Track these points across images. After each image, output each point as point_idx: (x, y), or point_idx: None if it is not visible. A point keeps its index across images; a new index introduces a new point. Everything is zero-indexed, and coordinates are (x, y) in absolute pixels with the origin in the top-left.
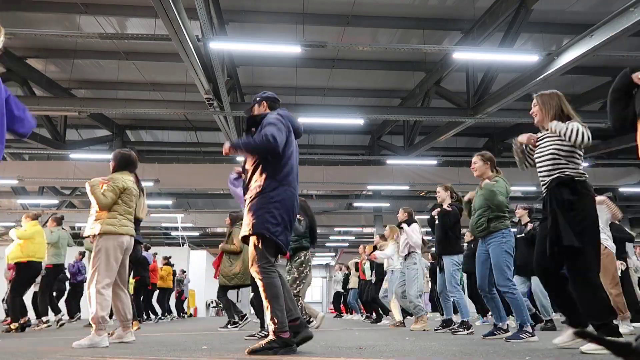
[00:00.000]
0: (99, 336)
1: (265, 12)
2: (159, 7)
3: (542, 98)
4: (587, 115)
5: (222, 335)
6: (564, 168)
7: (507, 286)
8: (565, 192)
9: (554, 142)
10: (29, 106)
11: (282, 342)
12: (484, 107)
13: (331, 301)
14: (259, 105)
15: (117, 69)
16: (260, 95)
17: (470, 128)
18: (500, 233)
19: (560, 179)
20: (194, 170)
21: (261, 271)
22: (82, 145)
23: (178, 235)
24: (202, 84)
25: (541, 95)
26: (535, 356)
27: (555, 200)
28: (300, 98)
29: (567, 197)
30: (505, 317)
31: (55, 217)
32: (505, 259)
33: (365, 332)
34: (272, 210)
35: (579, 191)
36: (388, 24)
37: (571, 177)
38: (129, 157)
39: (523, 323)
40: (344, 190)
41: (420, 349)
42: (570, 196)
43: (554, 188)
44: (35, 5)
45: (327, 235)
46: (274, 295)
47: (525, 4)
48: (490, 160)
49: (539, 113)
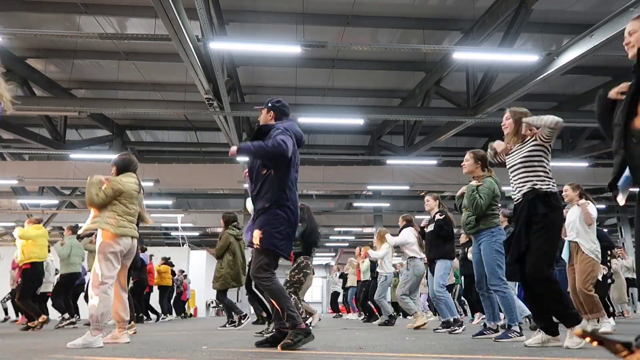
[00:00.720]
0: (94, 337)
1: (265, 12)
2: (159, 7)
3: (514, 114)
4: (587, 115)
5: (222, 335)
6: (536, 181)
7: (497, 285)
8: (540, 207)
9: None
10: (29, 106)
11: (304, 331)
12: (484, 107)
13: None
14: (267, 112)
15: (117, 69)
16: (273, 103)
17: (470, 128)
18: (490, 231)
19: (535, 192)
20: (194, 170)
21: (264, 282)
22: (82, 145)
23: (178, 235)
24: (202, 84)
25: (514, 110)
26: (533, 354)
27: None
28: (300, 98)
29: (541, 211)
30: (498, 317)
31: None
32: (495, 257)
33: (365, 332)
34: (279, 226)
35: (551, 204)
36: (388, 24)
37: (544, 192)
38: (128, 160)
39: (511, 322)
40: (344, 190)
41: (420, 348)
42: (544, 209)
43: (530, 201)
44: (35, 5)
45: (327, 235)
46: (281, 296)
47: (525, 4)
48: (481, 159)
49: (510, 126)
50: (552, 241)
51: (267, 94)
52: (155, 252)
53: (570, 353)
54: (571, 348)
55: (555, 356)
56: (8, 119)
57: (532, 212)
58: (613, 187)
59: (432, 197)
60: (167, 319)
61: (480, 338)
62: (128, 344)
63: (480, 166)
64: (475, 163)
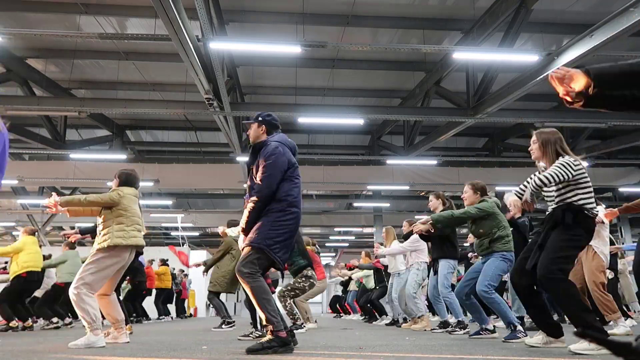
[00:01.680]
0: (96, 336)
1: (265, 12)
2: (159, 7)
3: (541, 136)
4: (587, 115)
5: (221, 335)
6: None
7: (484, 291)
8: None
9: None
10: (29, 106)
11: (281, 341)
12: (484, 107)
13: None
14: (259, 127)
15: (117, 69)
16: (264, 117)
17: (470, 128)
18: (501, 254)
19: (570, 206)
20: (194, 170)
21: (247, 277)
22: (82, 145)
23: (178, 235)
24: (202, 84)
25: (541, 132)
26: (534, 354)
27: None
28: (300, 98)
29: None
30: (486, 318)
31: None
32: (495, 271)
33: (365, 332)
34: (277, 228)
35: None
36: (388, 24)
37: (579, 206)
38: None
39: (511, 322)
40: (344, 190)
41: (420, 348)
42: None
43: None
44: (35, 5)
45: (327, 235)
46: (263, 296)
47: (525, 4)
48: (480, 190)
49: (537, 151)
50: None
51: (267, 94)
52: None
53: (570, 353)
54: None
55: (555, 356)
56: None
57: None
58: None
59: (435, 196)
60: (164, 320)
61: (478, 338)
62: (128, 344)
63: (479, 196)
64: (475, 194)
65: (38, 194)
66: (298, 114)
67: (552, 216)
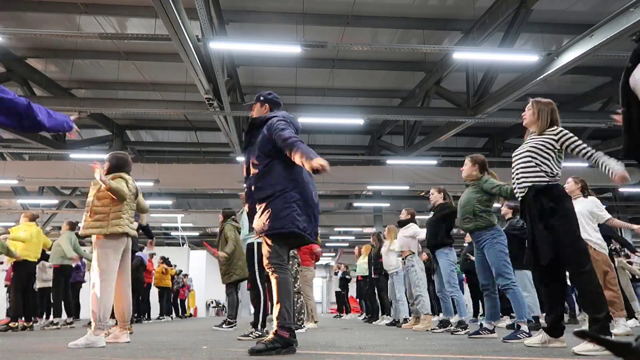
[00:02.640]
0: (96, 336)
1: (265, 12)
2: (159, 7)
3: (538, 104)
4: (587, 116)
5: (222, 335)
6: (537, 173)
7: (507, 284)
8: (545, 201)
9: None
10: None
11: (284, 341)
12: (484, 107)
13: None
14: (262, 106)
15: (117, 69)
16: (265, 96)
17: (470, 128)
18: (490, 234)
19: (537, 188)
20: (194, 170)
21: (276, 268)
22: (82, 145)
23: (178, 235)
24: (202, 84)
25: (538, 101)
26: (534, 354)
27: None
28: (300, 98)
29: (547, 205)
30: (498, 317)
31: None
32: (500, 257)
33: (365, 332)
34: (296, 208)
35: (556, 196)
36: (388, 24)
37: (545, 185)
38: (123, 160)
39: (521, 318)
40: (344, 190)
41: (420, 348)
42: (550, 203)
43: (532, 198)
44: (35, 5)
45: (327, 235)
46: (286, 292)
47: (525, 4)
48: (479, 164)
49: (531, 117)
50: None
51: None
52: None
53: (570, 353)
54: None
55: (555, 356)
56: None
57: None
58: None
59: (437, 190)
60: (164, 320)
61: (478, 337)
62: (128, 344)
63: (477, 169)
64: (473, 166)
65: (38, 194)
66: (298, 114)
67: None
